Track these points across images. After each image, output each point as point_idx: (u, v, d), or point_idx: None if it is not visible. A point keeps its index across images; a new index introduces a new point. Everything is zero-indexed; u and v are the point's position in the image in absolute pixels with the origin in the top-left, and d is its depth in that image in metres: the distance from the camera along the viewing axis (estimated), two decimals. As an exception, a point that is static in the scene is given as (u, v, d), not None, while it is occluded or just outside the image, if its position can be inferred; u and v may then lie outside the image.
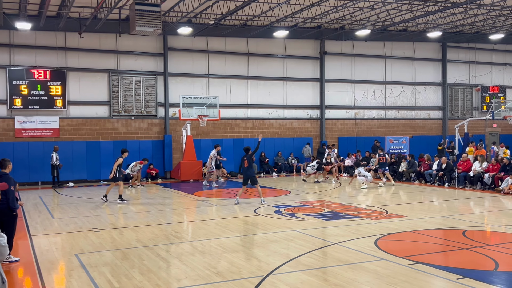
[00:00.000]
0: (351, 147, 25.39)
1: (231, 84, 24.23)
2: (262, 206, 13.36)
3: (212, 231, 10.13)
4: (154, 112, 22.74)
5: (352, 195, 16.35)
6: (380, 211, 12.30)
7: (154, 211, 13.01)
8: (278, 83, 25.29)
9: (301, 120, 25.87)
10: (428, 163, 19.27)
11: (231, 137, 24.02)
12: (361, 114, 27.26)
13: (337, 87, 26.47)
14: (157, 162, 22.42)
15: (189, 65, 23.37)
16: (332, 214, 12.04)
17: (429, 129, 28.80)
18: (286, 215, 11.82)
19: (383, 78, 27.53)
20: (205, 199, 15.32)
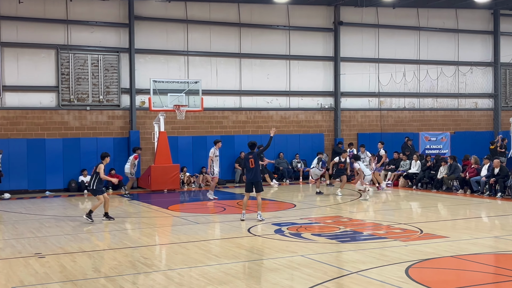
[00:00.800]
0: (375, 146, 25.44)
1: (217, 64, 24.23)
2: (259, 223, 13.37)
3: (193, 256, 10.12)
4: (116, 100, 22.73)
5: (376, 209, 16.37)
6: (412, 230, 12.33)
7: (116, 230, 12.99)
8: (279, 62, 25.30)
9: (310, 111, 25.90)
10: (475, 168, 19.38)
11: (217, 133, 24.02)
12: (388, 103, 27.33)
13: (357, 68, 26.52)
14: (120, 166, 22.32)
15: (162, 39, 23.34)
16: (350, 234, 12.06)
17: (477, 123, 28.95)
18: (290, 236, 11.83)
19: (416, 57, 27.61)
20: (183, 215, 15.31)
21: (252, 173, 13.73)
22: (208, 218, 14.78)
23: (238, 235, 12.18)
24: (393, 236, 11.71)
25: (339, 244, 11.07)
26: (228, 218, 14.79)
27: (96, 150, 22.01)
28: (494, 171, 18.44)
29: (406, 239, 11.32)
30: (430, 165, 21.11)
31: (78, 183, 21.52)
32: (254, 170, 13.69)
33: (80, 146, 21.89)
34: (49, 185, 21.36)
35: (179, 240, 11.80)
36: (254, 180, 13.71)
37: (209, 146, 23.28)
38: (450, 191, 19.83)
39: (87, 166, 21.66)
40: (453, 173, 19.92)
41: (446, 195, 19.09)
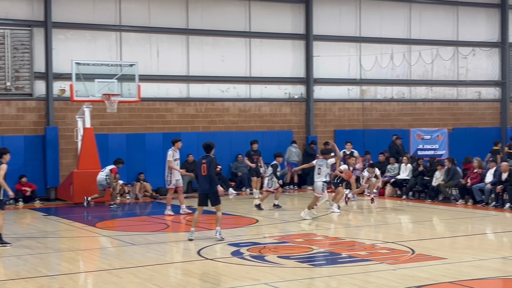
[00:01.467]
0: (356, 145, 25.63)
1: (159, 42, 24.09)
2: (216, 243, 13.31)
3: (128, 287, 10.00)
4: (28, 88, 22.43)
5: (358, 224, 16.46)
6: (402, 251, 12.42)
7: (29, 255, 12.75)
8: (238, 41, 25.28)
9: (276, 102, 25.95)
10: (478, 173, 19.70)
11: (159, 130, 23.88)
12: (372, 92, 27.60)
13: (334, 48, 26.69)
14: (33, 172, 22.02)
15: (87, 10, 23.10)
16: (326, 255, 12.09)
17: (480, 117, 29.50)
18: (251, 259, 11.78)
19: (406, 35, 27.96)
20: (116, 234, 15.14)
21: (204, 183, 13.69)
22: (147, 238, 14.61)
23: (185, 259, 12.09)
24: (378, 258, 11.76)
25: (312, 268, 11.08)
26: (173, 238, 14.68)
27: (2, 151, 21.58)
28: (501, 176, 18.77)
29: (395, 262, 11.37)
30: (424, 169, 21.39)
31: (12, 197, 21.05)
32: (207, 179, 13.65)
33: (-20, 146, 21.46)
34: None
35: (110, 266, 11.62)
36: (208, 191, 13.66)
37: (148, 147, 23.18)
38: (448, 201, 20.11)
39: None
40: (452, 179, 20.21)
41: (443, 207, 19.35)
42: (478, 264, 11.18)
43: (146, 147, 23.26)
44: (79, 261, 12.51)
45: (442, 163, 20.81)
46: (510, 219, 16.92)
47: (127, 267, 11.37)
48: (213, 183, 13.69)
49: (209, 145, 14.09)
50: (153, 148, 23.25)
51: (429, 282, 9.86)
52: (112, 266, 11.54)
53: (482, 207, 18.76)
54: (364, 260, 11.51)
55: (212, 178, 13.67)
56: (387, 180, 22.39)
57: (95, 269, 11.71)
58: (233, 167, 24.73)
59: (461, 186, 19.94)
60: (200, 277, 10.51)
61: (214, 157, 13.98)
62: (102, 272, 11.17)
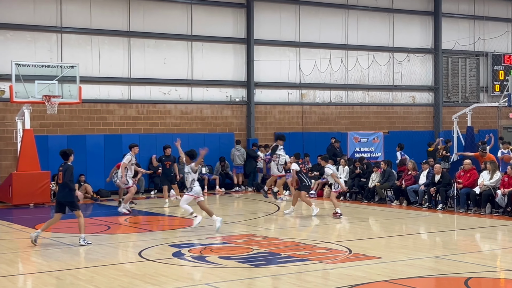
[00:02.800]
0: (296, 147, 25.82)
1: (100, 44, 23.83)
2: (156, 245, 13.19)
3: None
4: (-34, 89, 21.87)
5: (297, 225, 16.56)
6: (339, 250, 12.56)
7: (-35, 257, 12.40)
8: (179, 44, 25.19)
9: (217, 105, 25.94)
10: (412, 174, 20.04)
11: (100, 131, 23.64)
12: (311, 96, 27.84)
13: (274, 53, 26.84)
14: (-29, 174, 21.53)
15: (28, 10, 22.75)
16: (266, 256, 12.12)
17: (415, 121, 30.08)
18: (192, 260, 11.77)
19: (344, 41, 28.31)
20: (55, 236, 14.87)
21: (59, 190, 13.66)
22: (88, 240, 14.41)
23: (126, 260, 11.99)
24: (316, 257, 11.87)
25: (252, 268, 11.10)
26: (114, 239, 14.52)
27: None
28: (434, 178, 19.14)
29: (332, 261, 11.51)
30: (360, 171, 21.65)
31: None
32: (63, 187, 13.48)
33: None
34: None
35: (50, 267, 11.46)
36: (63, 199, 13.53)
37: (89, 148, 22.92)
38: (383, 202, 20.41)
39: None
40: (387, 181, 20.51)
41: (378, 207, 19.63)
42: (412, 263, 11.39)
43: (87, 148, 22.95)
44: (18, 263, 12.30)
45: (377, 165, 21.10)
46: (443, 220, 17.28)
47: (67, 268, 11.21)
48: (69, 191, 13.50)
49: (65, 152, 13.79)
50: (94, 150, 22.97)
51: (365, 281, 10.00)
52: (52, 268, 11.37)
53: (416, 208, 19.08)
54: (303, 260, 11.60)
55: (68, 185, 13.45)
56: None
57: (35, 271, 11.48)
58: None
59: (396, 188, 20.25)
60: (141, 278, 10.41)
61: (70, 164, 13.70)
62: (41, 274, 11.00)
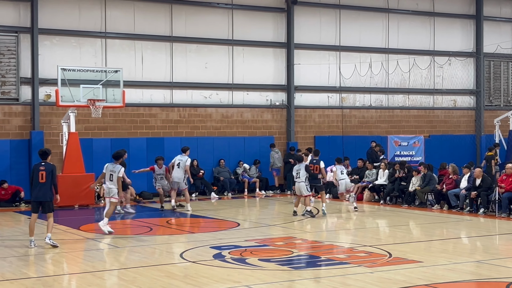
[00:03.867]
0: (335, 151, 25.71)
1: (143, 49, 24.04)
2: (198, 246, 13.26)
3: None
4: (14, 93, 22.31)
5: (337, 228, 16.49)
6: (379, 254, 12.47)
7: (13, 256, 12.69)
8: (220, 48, 25.27)
9: (257, 108, 25.97)
10: (453, 179, 19.80)
11: (143, 134, 23.83)
12: (351, 100, 27.69)
13: (314, 57, 26.77)
14: (18, 175, 21.88)
15: (73, 16, 23.02)
16: (305, 258, 12.11)
17: (456, 125, 29.69)
18: (232, 262, 11.79)
19: (384, 44, 28.11)
20: (99, 237, 15.06)
21: (39, 190, 13.37)
22: (131, 241, 14.60)
23: (168, 261, 12.07)
24: (356, 261, 11.80)
25: (292, 271, 11.09)
26: (156, 241, 14.64)
27: (-12, 155, 21.51)
28: (475, 182, 18.89)
29: (372, 265, 11.42)
30: (401, 175, 21.43)
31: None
32: (43, 186, 13.33)
33: (-34, 149, 21.35)
34: None
35: (94, 268, 11.59)
36: (41, 198, 13.37)
37: (132, 151, 23.06)
38: (424, 206, 20.19)
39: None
40: (428, 185, 20.30)
41: (419, 211, 19.42)
42: (453, 267, 11.25)
43: (130, 151, 23.09)
44: (63, 263, 12.45)
45: (417, 169, 20.89)
46: (484, 224, 17.03)
47: (110, 269, 11.34)
48: (48, 192, 13.46)
49: (44, 151, 13.89)
50: (137, 153, 23.15)
51: (405, 285, 9.91)
52: (96, 268, 11.51)
53: (457, 212, 18.86)
54: (343, 263, 11.54)
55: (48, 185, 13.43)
56: (365, 185, 22.46)
57: (79, 271, 11.63)
58: (215, 172, 24.67)
59: (436, 192, 20.04)
60: (182, 280, 10.47)
61: (53, 164, 13.79)
62: (86, 274, 11.12)
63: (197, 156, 24.36)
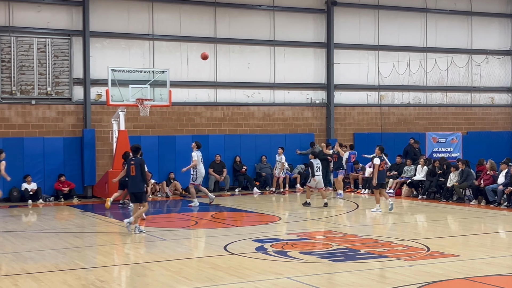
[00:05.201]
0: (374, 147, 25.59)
1: (189, 50, 24.22)
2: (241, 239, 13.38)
3: (159, 279, 10.09)
4: (67, 93, 22.63)
5: (376, 222, 16.47)
6: (418, 248, 12.41)
7: (67, 248, 12.91)
8: (262, 49, 25.36)
9: (298, 106, 25.99)
10: (491, 174, 19.57)
11: (188, 132, 24.00)
12: (389, 98, 27.51)
13: (353, 56, 26.68)
14: (71, 171, 22.24)
15: (123, 20, 23.30)
16: (345, 252, 12.10)
17: (493, 122, 29.25)
18: (274, 254, 11.83)
19: (422, 43, 27.84)
20: (148, 230, 15.25)
21: (131, 182, 14.39)
22: (177, 234, 14.73)
23: (212, 253, 12.16)
24: (395, 254, 11.77)
25: (332, 264, 11.10)
26: (201, 234, 14.79)
27: (43, 152, 21.85)
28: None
29: (411, 258, 11.38)
30: (440, 171, 21.24)
31: (21, 192, 21.35)
32: (135, 179, 14.25)
33: (23, 147, 21.73)
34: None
35: (143, 259, 11.76)
36: (134, 190, 14.37)
37: (178, 148, 23.28)
38: (462, 201, 20.01)
39: (31, 171, 21.51)
40: (466, 180, 20.10)
41: (457, 207, 19.24)
42: (490, 261, 11.15)
43: (176, 148, 23.40)
44: (113, 254, 12.67)
45: (456, 165, 20.70)
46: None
47: (158, 260, 11.48)
48: (140, 184, 14.32)
49: (137, 147, 14.66)
50: (182, 150, 23.29)
51: (443, 278, 9.86)
52: (145, 260, 11.66)
53: (495, 207, 18.63)
54: (382, 257, 11.51)
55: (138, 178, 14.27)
56: (404, 181, 22.34)
57: (128, 262, 11.83)
58: (257, 168, 24.79)
59: (474, 187, 19.83)
60: (226, 271, 10.55)
61: (142, 158, 14.62)
62: (135, 265, 11.29)
63: (240, 153, 24.52)
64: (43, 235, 14.40)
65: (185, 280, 9.96)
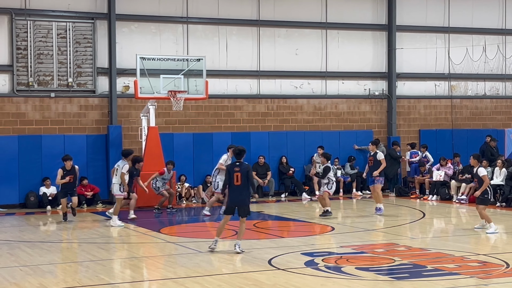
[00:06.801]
0: (444, 147, 25.28)
1: (228, 35, 24.31)
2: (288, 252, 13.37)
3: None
4: (90, 84, 22.88)
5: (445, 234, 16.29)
6: (495, 264, 12.24)
7: (90, 261, 13.07)
8: (313, 33, 25.31)
9: (354, 99, 25.90)
10: None
11: (228, 129, 24.13)
12: (462, 88, 27.19)
13: (419, 40, 26.47)
14: (95, 173, 22.53)
15: (152, 1, 23.47)
16: (409, 268, 12.01)
17: None
18: (326, 270, 11.81)
19: (501, 25, 27.45)
20: (181, 241, 15.36)
21: (234, 193, 13.37)
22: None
23: (255, 268, 12.18)
24: (468, 271, 11.63)
25: (394, 282, 11.02)
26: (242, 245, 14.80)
27: (63, 151, 22.13)
28: None
29: (487, 276, 11.24)
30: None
31: (39, 196, 21.69)
32: (239, 189, 13.28)
33: (41, 145, 22.10)
34: (0, 199, 21.56)
35: (175, 274, 11.81)
36: (237, 203, 13.37)
37: (216, 147, 23.30)
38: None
39: (51, 174, 21.81)
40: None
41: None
42: None
43: (213, 147, 23.40)
44: (142, 268, 12.75)
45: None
46: None
47: (193, 276, 11.54)
48: (246, 196, 13.43)
49: (242, 150, 13.57)
50: (221, 149, 23.25)
51: (524, 300, 9.74)
52: (177, 275, 11.72)
53: None
54: (452, 274, 11.38)
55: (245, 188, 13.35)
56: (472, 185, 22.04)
57: (160, 278, 11.90)
58: (307, 170, 24.66)
59: None
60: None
61: (248, 164, 13.68)
62: (166, 281, 11.34)
63: (287, 153, 24.49)
64: (63, 246, 14.60)
65: (224, 299, 10.03)
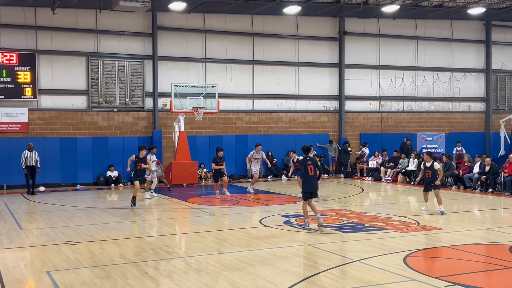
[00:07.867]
0: (376, 145, 25.30)
1: (232, 70, 24.28)
2: (273, 215, 13.36)
3: (209, 245, 10.15)
4: (140, 103, 22.86)
5: (377, 202, 16.33)
6: (410, 222, 12.28)
7: (140, 221, 13.08)
8: (289, 68, 25.30)
9: (316, 113, 25.88)
10: (468, 165, 19.24)
11: (232, 133, 24.07)
12: (388, 106, 27.22)
13: (359, 73, 26.45)
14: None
15: (182, 47, 23.43)
16: (353, 225, 12.03)
17: (470, 125, 28.71)
18: (298, 227, 11.82)
19: (414, 63, 27.46)
20: (201, 207, 15.37)
21: (310, 181, 11.58)
22: (223, 210, 14.84)
23: (250, 225, 12.21)
24: (392, 227, 11.67)
25: (343, 234, 11.06)
26: (242, 210, 14.84)
27: (123, 147, 22.12)
28: (485, 168, 18.31)
29: (404, 231, 11.29)
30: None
31: (106, 178, 21.66)
32: (312, 178, 11.59)
33: (108, 144, 22.05)
34: (80, 179, 21.52)
35: (197, 229, 11.87)
36: (312, 189, 11.59)
37: (225, 145, 23.31)
38: (445, 187, 19.68)
39: (114, 162, 21.82)
40: (448, 170, 19.78)
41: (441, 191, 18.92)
42: (467, 233, 11.02)
43: (223, 145, 23.36)
44: (175, 226, 12.81)
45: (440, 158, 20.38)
46: (492, 201, 16.48)
47: (209, 230, 11.56)
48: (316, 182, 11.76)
49: (309, 147, 12.09)
50: (228, 146, 23.43)
51: (430, 246, 9.78)
52: (198, 230, 11.77)
53: (471, 191, 18.36)
54: (382, 229, 11.46)
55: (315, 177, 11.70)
56: (399, 170, 22.06)
57: (187, 232, 11.94)
58: (285, 160, 24.70)
59: (455, 176, 19.53)
60: (261, 239, 10.60)
61: (314, 157, 12.15)
62: (191, 234, 11.41)
63: (272, 148, 24.50)
64: (122, 211, 14.60)
65: (230, 246, 10.03)
